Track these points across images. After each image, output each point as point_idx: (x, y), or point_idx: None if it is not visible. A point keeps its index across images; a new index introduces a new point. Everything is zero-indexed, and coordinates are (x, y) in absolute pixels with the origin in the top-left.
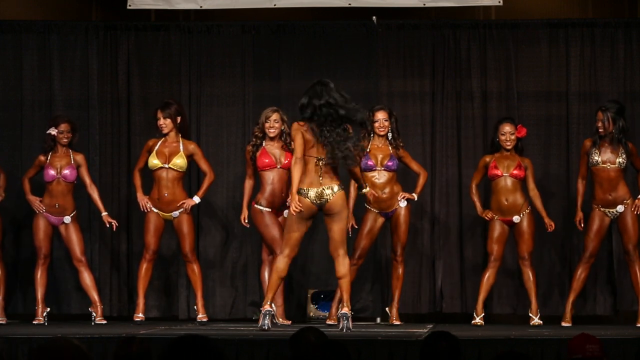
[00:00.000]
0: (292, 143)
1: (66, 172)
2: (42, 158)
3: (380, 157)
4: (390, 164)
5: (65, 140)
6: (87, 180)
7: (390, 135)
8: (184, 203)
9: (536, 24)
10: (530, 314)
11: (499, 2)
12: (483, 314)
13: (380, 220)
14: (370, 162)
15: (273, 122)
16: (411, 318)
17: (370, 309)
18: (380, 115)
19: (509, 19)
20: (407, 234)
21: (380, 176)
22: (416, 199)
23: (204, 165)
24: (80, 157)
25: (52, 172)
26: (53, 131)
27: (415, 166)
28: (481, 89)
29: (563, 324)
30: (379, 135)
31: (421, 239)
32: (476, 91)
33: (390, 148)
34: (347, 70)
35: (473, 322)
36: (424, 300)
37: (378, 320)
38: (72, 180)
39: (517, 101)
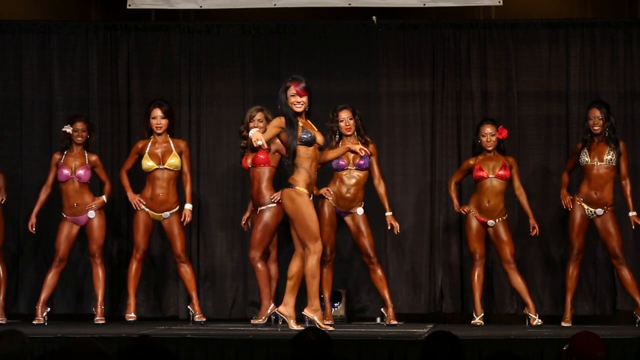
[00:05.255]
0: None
1: (80, 172)
2: (57, 156)
3: (351, 156)
4: (361, 162)
5: (80, 139)
6: (105, 180)
7: (356, 132)
8: (185, 218)
9: (536, 24)
10: (529, 314)
11: (499, 2)
12: (483, 314)
13: (334, 210)
14: (342, 162)
15: (257, 122)
16: (411, 318)
17: (370, 309)
18: (345, 115)
19: (509, 19)
20: (372, 235)
21: (351, 175)
22: (392, 214)
23: (185, 167)
24: (95, 158)
25: (66, 171)
26: (68, 128)
27: (377, 171)
28: (481, 89)
29: (563, 324)
30: (347, 135)
31: (421, 239)
32: (476, 91)
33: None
34: (347, 70)
35: (473, 322)
36: (424, 300)
37: (378, 320)
38: (86, 181)
39: (517, 101)
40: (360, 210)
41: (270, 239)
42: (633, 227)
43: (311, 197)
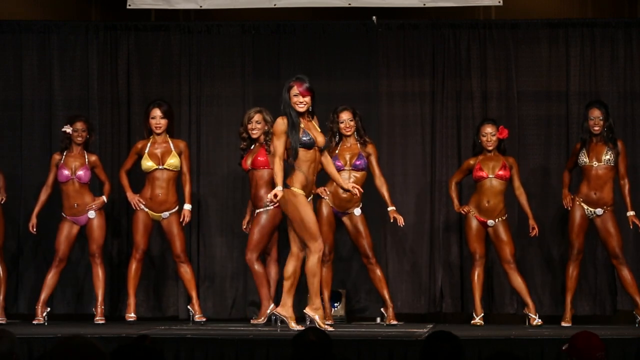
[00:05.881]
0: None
1: (80, 172)
2: (56, 157)
3: (348, 156)
4: (358, 162)
5: (80, 139)
6: (105, 180)
7: (356, 133)
8: (185, 218)
9: (536, 24)
10: (529, 314)
11: (499, 2)
12: (483, 314)
13: (332, 210)
14: (338, 163)
15: (255, 123)
16: (411, 318)
17: (370, 309)
18: (345, 116)
19: (509, 19)
20: (370, 236)
21: (349, 177)
22: (395, 209)
23: (185, 167)
24: (95, 158)
25: (66, 172)
26: (68, 129)
27: (377, 171)
28: (481, 89)
29: (563, 324)
30: (346, 136)
31: (421, 239)
32: (476, 91)
33: (359, 146)
34: (347, 70)
35: (473, 322)
36: (424, 300)
37: (378, 320)
38: (86, 181)
39: (517, 101)
40: (357, 211)
41: (267, 241)
42: (631, 226)
43: (310, 199)
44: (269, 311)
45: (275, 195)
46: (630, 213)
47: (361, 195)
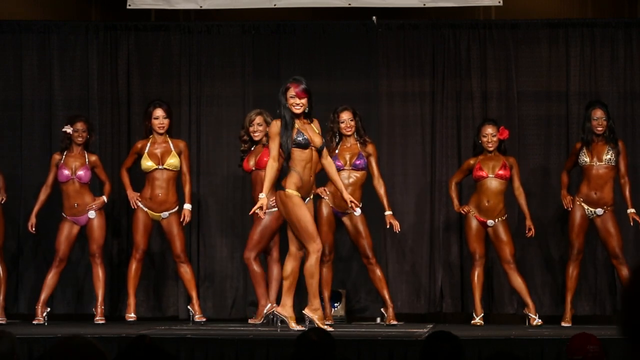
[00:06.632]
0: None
1: (80, 173)
2: (57, 157)
3: (348, 156)
4: (358, 162)
5: (81, 139)
6: (105, 180)
7: (356, 133)
8: (185, 218)
9: (536, 24)
10: (529, 314)
11: (499, 2)
12: (483, 314)
13: (332, 210)
14: (338, 163)
15: (256, 126)
16: (411, 318)
17: (370, 309)
18: (346, 116)
19: (509, 19)
20: (370, 236)
21: (349, 176)
22: (391, 213)
23: (185, 167)
24: (95, 158)
25: (66, 172)
26: (68, 129)
27: (376, 171)
28: (481, 89)
29: (563, 324)
30: (347, 136)
31: (421, 239)
32: (476, 91)
33: (359, 146)
34: (347, 70)
35: (473, 322)
36: (424, 300)
37: (378, 320)
38: (86, 181)
39: (517, 101)
40: (357, 211)
41: (267, 242)
42: (632, 223)
43: (308, 200)
44: (265, 310)
45: (261, 207)
46: (631, 210)
47: (361, 196)
